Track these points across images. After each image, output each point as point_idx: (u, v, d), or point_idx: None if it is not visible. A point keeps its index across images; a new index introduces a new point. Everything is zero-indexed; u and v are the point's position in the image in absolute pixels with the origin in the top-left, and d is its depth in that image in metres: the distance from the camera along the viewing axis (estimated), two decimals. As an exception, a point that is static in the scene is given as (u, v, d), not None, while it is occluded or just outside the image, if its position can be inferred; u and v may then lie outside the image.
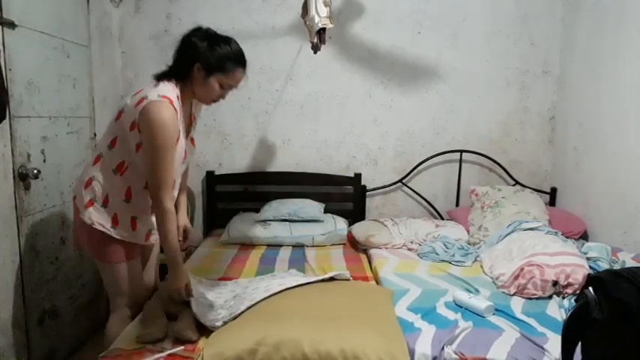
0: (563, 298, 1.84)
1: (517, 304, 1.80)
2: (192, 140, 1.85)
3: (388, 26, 2.98)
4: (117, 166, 1.67)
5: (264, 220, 2.74)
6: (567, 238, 2.39)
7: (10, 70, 1.90)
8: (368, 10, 2.95)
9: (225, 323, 1.59)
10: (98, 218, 1.67)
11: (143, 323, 1.62)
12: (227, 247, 2.62)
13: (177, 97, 1.64)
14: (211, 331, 1.57)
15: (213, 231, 2.94)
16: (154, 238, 1.81)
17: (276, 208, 2.79)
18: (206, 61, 1.62)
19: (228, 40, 1.67)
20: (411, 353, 1.47)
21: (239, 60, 1.67)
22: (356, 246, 2.67)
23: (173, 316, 1.65)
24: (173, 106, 1.58)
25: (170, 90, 1.62)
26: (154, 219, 1.71)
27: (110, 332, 1.75)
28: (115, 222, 1.68)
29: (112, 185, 1.67)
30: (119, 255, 1.73)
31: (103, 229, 1.67)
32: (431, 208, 3.15)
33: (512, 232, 2.35)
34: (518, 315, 1.70)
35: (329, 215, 2.87)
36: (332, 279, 1.96)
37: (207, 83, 1.65)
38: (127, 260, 1.75)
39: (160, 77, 1.66)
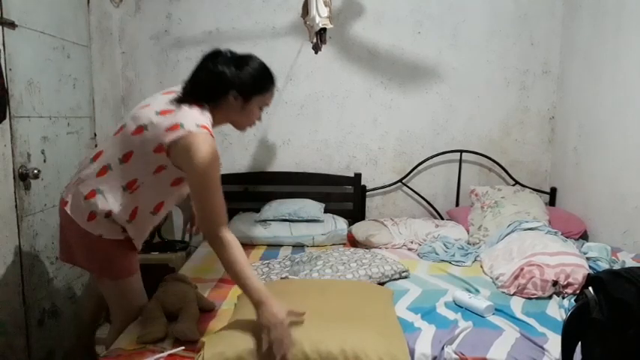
0: (563, 298, 1.84)
1: (517, 304, 1.80)
2: None
3: (388, 26, 2.98)
4: (128, 184, 1.54)
5: (264, 220, 2.74)
6: (567, 238, 2.39)
7: (10, 70, 1.90)
8: (368, 10, 2.95)
9: None
10: (106, 229, 1.56)
11: (143, 324, 1.62)
12: (227, 247, 2.61)
13: (211, 123, 1.51)
14: (208, 331, 1.59)
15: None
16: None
17: (276, 208, 2.79)
18: (242, 88, 1.52)
19: (251, 59, 1.57)
20: (411, 353, 1.47)
21: (271, 77, 1.60)
22: (356, 246, 2.67)
23: (173, 317, 1.65)
24: (211, 135, 1.47)
25: (206, 119, 1.49)
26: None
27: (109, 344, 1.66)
28: (124, 228, 1.60)
29: (118, 202, 1.54)
30: (125, 270, 1.67)
31: (113, 238, 1.58)
32: (431, 208, 3.15)
33: (512, 232, 2.35)
34: (518, 315, 1.70)
35: (329, 215, 2.87)
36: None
37: (248, 109, 1.57)
38: (133, 274, 1.70)
39: (186, 100, 1.51)
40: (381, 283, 2.01)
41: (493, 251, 2.26)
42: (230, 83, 1.51)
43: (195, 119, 1.46)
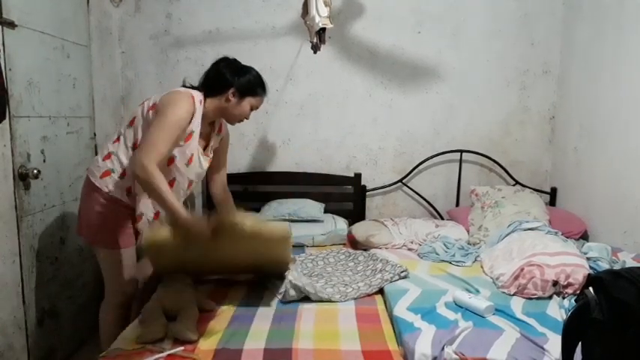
0: (564, 298, 1.83)
1: (517, 304, 1.80)
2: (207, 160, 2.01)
3: (388, 26, 2.98)
4: (133, 144, 1.83)
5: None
6: (567, 238, 2.39)
7: (10, 69, 1.90)
8: (368, 10, 2.95)
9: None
10: (114, 187, 1.82)
11: (142, 324, 1.63)
12: (227, 247, 2.61)
13: (201, 102, 1.85)
14: (207, 331, 1.61)
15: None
16: (142, 223, 1.89)
17: (276, 208, 2.79)
18: (240, 86, 1.88)
19: (251, 69, 1.95)
20: (411, 353, 1.47)
21: (263, 85, 1.97)
22: (356, 246, 2.67)
23: (172, 317, 1.65)
24: (194, 102, 1.79)
25: (197, 94, 1.84)
26: (151, 206, 1.87)
27: (104, 319, 1.93)
28: (129, 191, 1.84)
29: (128, 161, 1.82)
30: (120, 241, 1.86)
31: (118, 197, 1.82)
32: (431, 208, 3.15)
33: (513, 232, 2.35)
34: (519, 315, 1.70)
35: (329, 215, 2.87)
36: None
37: (241, 104, 1.91)
38: (127, 247, 1.89)
39: (192, 88, 1.89)
40: (381, 287, 2.02)
41: (493, 251, 2.25)
42: (231, 82, 1.88)
43: (188, 89, 1.84)
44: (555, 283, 1.85)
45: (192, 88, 1.89)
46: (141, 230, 1.88)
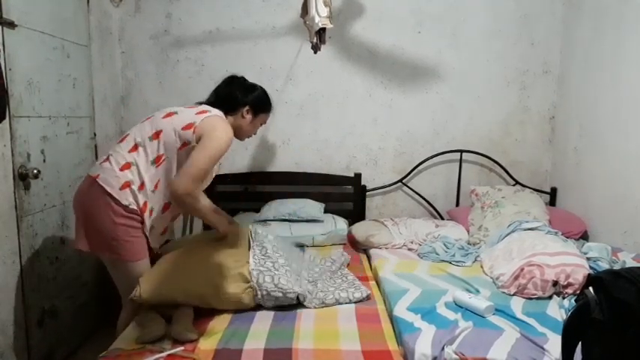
0: (564, 298, 1.83)
1: (517, 304, 1.80)
2: None
3: (388, 26, 2.98)
4: (155, 158, 1.81)
5: (264, 220, 2.73)
6: (567, 238, 2.39)
7: (10, 69, 1.90)
8: (368, 10, 2.95)
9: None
10: (134, 200, 1.78)
11: (141, 325, 1.63)
12: (227, 247, 2.61)
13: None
14: (207, 331, 1.61)
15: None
16: (152, 240, 1.89)
17: (276, 208, 2.78)
18: (254, 105, 2.02)
19: (259, 87, 2.09)
20: (411, 353, 1.47)
21: (270, 102, 2.13)
22: (356, 246, 2.67)
23: (166, 317, 1.65)
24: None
25: (223, 115, 1.94)
26: (161, 221, 1.89)
27: (121, 327, 1.82)
28: (144, 207, 1.80)
29: (148, 175, 1.80)
30: (137, 253, 1.81)
31: (136, 208, 1.77)
32: (431, 208, 3.15)
33: (513, 232, 2.35)
34: (519, 315, 1.70)
35: (329, 215, 2.87)
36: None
37: (254, 121, 2.06)
38: (142, 259, 1.83)
39: (209, 104, 1.96)
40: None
41: (493, 251, 2.25)
42: (245, 101, 2.00)
43: (218, 112, 1.91)
44: (555, 283, 1.85)
45: (209, 104, 1.96)
46: (154, 246, 1.92)
